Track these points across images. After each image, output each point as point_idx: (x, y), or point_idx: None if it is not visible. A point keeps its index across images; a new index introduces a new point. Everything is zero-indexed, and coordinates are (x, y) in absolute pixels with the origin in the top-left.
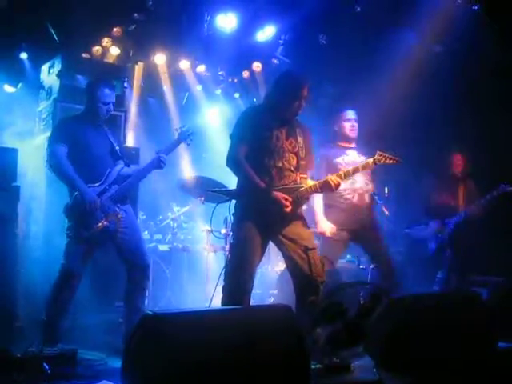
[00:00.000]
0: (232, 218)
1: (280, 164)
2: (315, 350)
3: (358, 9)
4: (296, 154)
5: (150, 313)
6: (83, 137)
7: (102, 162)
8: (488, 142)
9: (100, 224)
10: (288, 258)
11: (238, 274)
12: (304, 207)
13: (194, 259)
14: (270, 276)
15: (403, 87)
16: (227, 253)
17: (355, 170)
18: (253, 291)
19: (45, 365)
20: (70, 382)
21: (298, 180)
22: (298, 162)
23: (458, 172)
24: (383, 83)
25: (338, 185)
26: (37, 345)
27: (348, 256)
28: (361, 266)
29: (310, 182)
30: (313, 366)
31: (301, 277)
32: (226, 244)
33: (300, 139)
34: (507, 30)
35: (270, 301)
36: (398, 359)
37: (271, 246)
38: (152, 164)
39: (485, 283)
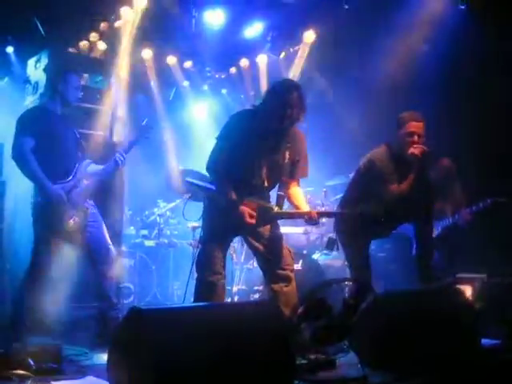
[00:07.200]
0: (203, 210)
1: (254, 182)
2: (300, 346)
3: (346, 6)
4: (279, 169)
5: (135, 308)
6: (51, 128)
7: (70, 155)
8: (473, 145)
9: (71, 221)
10: (255, 254)
11: (208, 267)
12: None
13: (180, 255)
14: (256, 272)
15: (390, 87)
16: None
17: None
18: (238, 287)
19: (30, 360)
20: (55, 377)
21: (270, 198)
22: (275, 180)
23: (443, 176)
24: (372, 80)
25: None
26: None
27: (333, 253)
28: (345, 263)
29: (297, 195)
30: (298, 362)
31: (270, 269)
32: None
33: (287, 152)
34: (494, 28)
35: (256, 297)
36: (383, 355)
37: None
38: (110, 166)
39: (469, 281)
